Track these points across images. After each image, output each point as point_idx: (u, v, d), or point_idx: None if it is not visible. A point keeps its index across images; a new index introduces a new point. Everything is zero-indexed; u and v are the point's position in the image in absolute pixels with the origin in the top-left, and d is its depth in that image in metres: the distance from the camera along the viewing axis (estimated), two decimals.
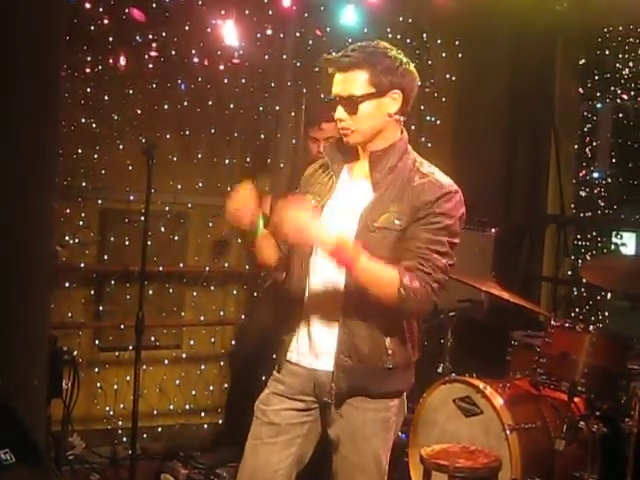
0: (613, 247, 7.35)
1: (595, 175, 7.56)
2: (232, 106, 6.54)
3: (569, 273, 7.47)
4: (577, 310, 7.33)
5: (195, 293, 6.59)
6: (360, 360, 3.22)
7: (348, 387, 3.23)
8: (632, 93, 7.26)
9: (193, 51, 6.27)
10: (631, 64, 7.19)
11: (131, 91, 6.16)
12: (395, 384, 3.31)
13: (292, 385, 3.33)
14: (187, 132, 6.40)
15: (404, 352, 3.29)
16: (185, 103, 6.35)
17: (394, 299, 3.08)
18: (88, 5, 5.84)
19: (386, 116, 3.25)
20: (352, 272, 3.10)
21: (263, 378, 4.69)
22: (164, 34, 6.17)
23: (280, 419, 3.33)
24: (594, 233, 7.50)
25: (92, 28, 5.91)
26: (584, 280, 6.82)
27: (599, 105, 7.53)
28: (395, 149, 3.29)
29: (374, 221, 3.19)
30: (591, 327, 4.98)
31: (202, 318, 6.58)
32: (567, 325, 5.13)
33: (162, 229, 6.36)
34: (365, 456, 3.28)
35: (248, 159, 6.76)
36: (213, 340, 6.64)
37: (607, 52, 7.30)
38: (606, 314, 7.15)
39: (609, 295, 7.08)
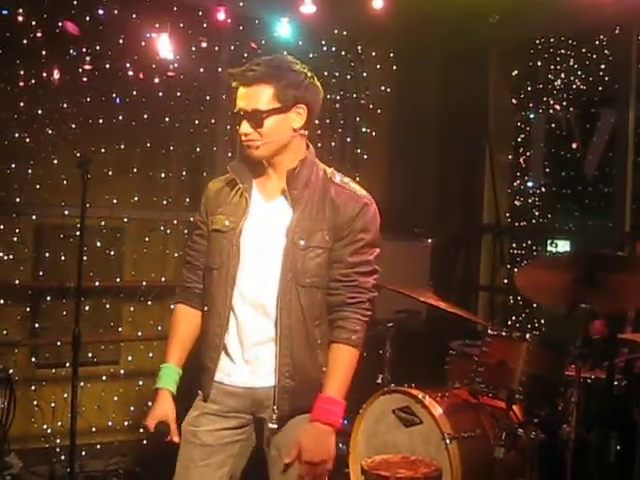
0: (548, 255, 7.43)
1: (529, 184, 7.65)
2: (167, 119, 6.52)
3: (505, 282, 7.54)
4: (514, 318, 7.40)
5: (132, 308, 6.54)
6: (302, 380, 3.21)
7: (290, 408, 3.21)
8: (564, 103, 7.37)
9: (127, 64, 6.25)
10: (563, 75, 7.29)
11: (65, 105, 6.12)
12: None
13: (227, 404, 3.29)
14: (122, 146, 6.36)
15: None
16: (120, 117, 6.31)
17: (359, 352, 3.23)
18: (21, 18, 5.80)
19: (291, 130, 3.23)
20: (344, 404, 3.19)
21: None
22: (98, 47, 6.14)
23: (212, 439, 3.28)
24: (529, 242, 7.58)
25: (25, 41, 5.87)
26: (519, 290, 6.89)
27: (532, 115, 7.62)
28: (306, 163, 3.28)
29: (303, 239, 3.19)
30: (527, 335, 5.01)
31: (140, 333, 6.54)
32: (504, 334, 5.15)
33: (98, 244, 6.31)
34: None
35: (184, 172, 6.73)
36: (151, 355, 6.58)
37: (539, 63, 7.40)
38: (542, 322, 7.22)
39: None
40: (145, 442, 6.03)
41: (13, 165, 5.98)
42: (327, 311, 3.25)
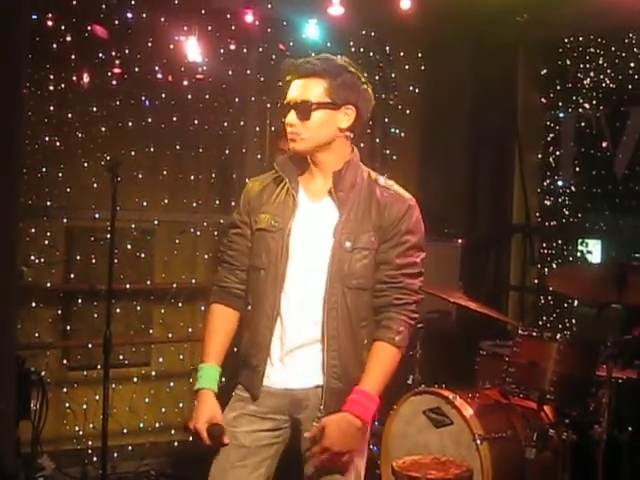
0: (579, 255, 7.39)
1: (559, 184, 7.60)
2: (197, 122, 6.54)
3: (536, 282, 7.51)
4: (544, 318, 7.36)
5: (163, 310, 6.57)
6: (348, 381, 3.20)
7: (337, 409, 3.18)
8: (594, 102, 7.32)
9: (156, 67, 6.28)
10: (592, 74, 7.25)
11: (95, 108, 6.15)
12: None
13: (265, 404, 3.27)
14: (152, 149, 6.39)
15: None
16: (149, 120, 6.34)
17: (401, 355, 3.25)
18: (50, 23, 5.84)
19: (336, 130, 3.24)
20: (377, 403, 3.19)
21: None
22: (127, 51, 6.17)
23: (250, 441, 3.26)
24: (559, 241, 7.54)
25: (55, 46, 5.91)
26: (551, 288, 6.87)
27: (561, 115, 7.58)
28: (351, 165, 3.29)
29: (350, 241, 3.19)
30: (558, 335, 5.00)
31: (170, 335, 6.56)
32: (535, 334, 5.14)
33: (128, 246, 6.34)
34: (345, 467, 3.23)
35: (214, 174, 6.75)
36: (182, 357, 6.61)
37: (568, 62, 7.36)
38: (573, 322, 7.18)
39: (576, 303, 7.12)
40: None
41: (44, 169, 6.02)
42: (374, 312, 3.26)
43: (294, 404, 3.26)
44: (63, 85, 6.02)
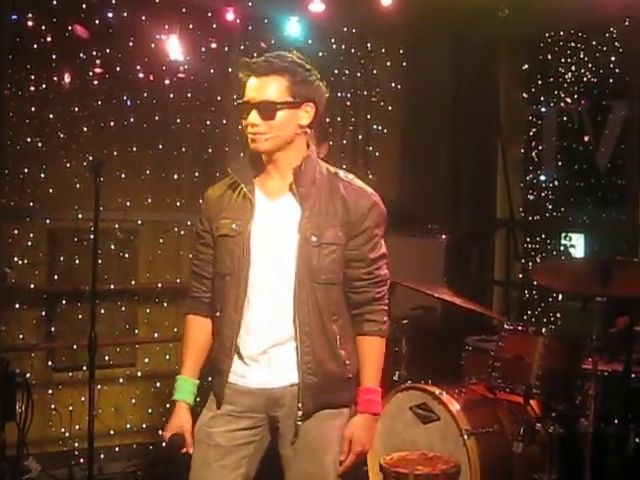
0: (562, 249, 7.41)
1: (542, 178, 7.62)
2: (179, 121, 6.53)
3: (520, 276, 7.52)
4: (529, 313, 7.38)
5: (148, 310, 6.55)
6: (325, 375, 3.22)
7: (314, 405, 3.21)
8: (575, 96, 7.34)
9: (138, 67, 6.26)
10: (573, 68, 7.26)
11: (76, 109, 6.14)
12: (352, 392, 3.31)
13: (241, 403, 3.28)
14: (134, 148, 6.37)
15: (355, 360, 3.31)
16: (131, 119, 6.33)
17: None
18: (30, 23, 5.82)
19: (297, 127, 3.22)
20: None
21: None
22: (108, 50, 6.16)
23: (227, 440, 3.27)
24: (543, 236, 7.56)
25: (35, 46, 5.89)
26: (535, 283, 6.89)
27: (543, 109, 7.60)
28: (310, 161, 3.27)
29: (315, 235, 3.19)
30: (544, 329, 5.01)
31: (156, 335, 6.55)
32: (520, 328, 5.15)
33: (112, 247, 6.32)
34: (327, 467, 3.25)
35: (197, 173, 6.74)
36: (167, 357, 6.59)
37: (549, 57, 7.37)
38: (558, 315, 7.20)
39: (560, 297, 7.14)
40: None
41: (26, 170, 5.99)
42: (351, 307, 3.29)
43: (270, 402, 3.26)
44: (44, 85, 6.00)
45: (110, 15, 6.11)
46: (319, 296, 3.20)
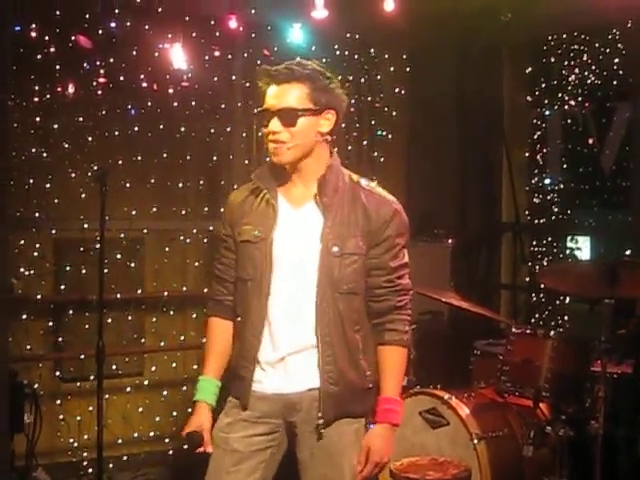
0: (568, 251, 7.41)
1: (547, 181, 7.62)
2: (183, 129, 6.53)
3: (527, 279, 7.52)
4: (537, 316, 7.37)
5: (155, 319, 6.54)
6: (346, 385, 3.22)
7: (335, 414, 3.21)
8: (579, 99, 7.34)
9: (142, 76, 6.26)
10: (577, 71, 7.27)
11: (81, 119, 6.13)
12: (371, 402, 3.31)
13: (258, 409, 3.27)
14: (139, 157, 6.37)
15: (375, 370, 3.30)
16: (136, 128, 6.32)
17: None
18: (34, 34, 5.82)
19: (318, 135, 3.22)
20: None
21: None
22: (112, 60, 6.15)
23: (244, 446, 3.27)
24: (549, 239, 7.56)
25: (39, 57, 5.89)
26: (542, 286, 6.88)
27: (548, 112, 7.60)
28: (333, 169, 3.27)
29: (337, 246, 3.18)
30: (552, 332, 5.00)
31: (163, 344, 6.54)
32: (528, 332, 5.15)
33: (118, 256, 6.31)
34: (344, 471, 3.24)
35: (202, 182, 6.73)
36: (175, 365, 6.59)
37: (553, 60, 7.38)
38: (566, 318, 7.19)
39: (568, 299, 7.13)
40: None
41: (31, 180, 6.00)
42: (372, 316, 3.29)
43: (287, 407, 3.26)
44: (48, 96, 6.01)
45: (113, 25, 6.11)
46: (340, 306, 3.20)
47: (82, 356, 6.00)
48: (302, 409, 3.23)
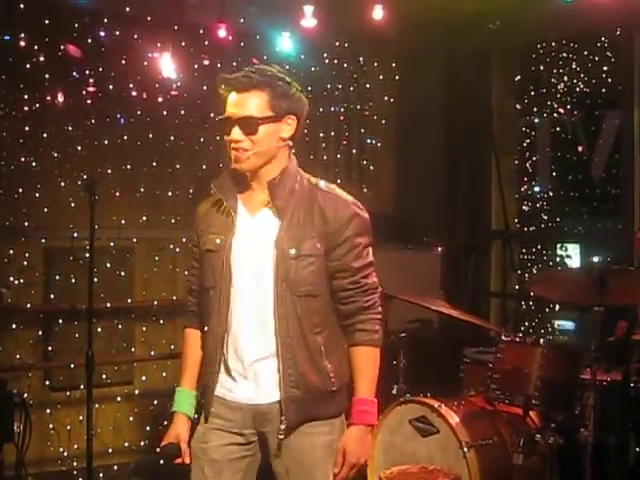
0: (558, 259, 7.42)
1: (537, 189, 7.64)
2: (173, 138, 6.53)
3: (516, 287, 7.52)
4: (526, 324, 7.38)
5: (144, 328, 6.54)
6: (308, 389, 3.20)
7: (298, 418, 3.19)
8: (568, 107, 7.36)
9: (131, 85, 6.27)
10: (566, 78, 7.29)
11: (70, 128, 6.13)
12: (337, 405, 3.28)
13: (231, 419, 3.26)
14: (129, 166, 6.37)
15: (343, 372, 3.27)
16: (125, 137, 6.33)
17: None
18: (23, 43, 5.82)
19: (279, 140, 3.22)
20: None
21: None
22: (101, 69, 6.16)
23: (221, 455, 3.26)
24: (539, 246, 7.58)
25: (28, 66, 5.89)
26: (532, 293, 6.88)
27: (537, 120, 7.62)
28: (288, 173, 3.25)
29: (293, 248, 3.18)
30: (541, 340, 5.01)
31: (153, 353, 6.53)
32: (517, 339, 5.15)
33: (108, 265, 6.31)
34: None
35: (191, 190, 6.73)
36: (165, 374, 6.57)
37: (542, 67, 7.40)
38: (556, 326, 7.21)
39: (557, 307, 7.14)
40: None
41: (20, 190, 5.99)
42: (342, 318, 3.26)
43: (258, 418, 3.24)
44: (37, 105, 6.01)
45: (102, 34, 6.12)
46: (299, 309, 3.18)
47: (72, 365, 5.98)
48: (272, 420, 3.21)
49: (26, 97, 5.96)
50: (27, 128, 5.99)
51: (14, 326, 5.95)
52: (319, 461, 3.24)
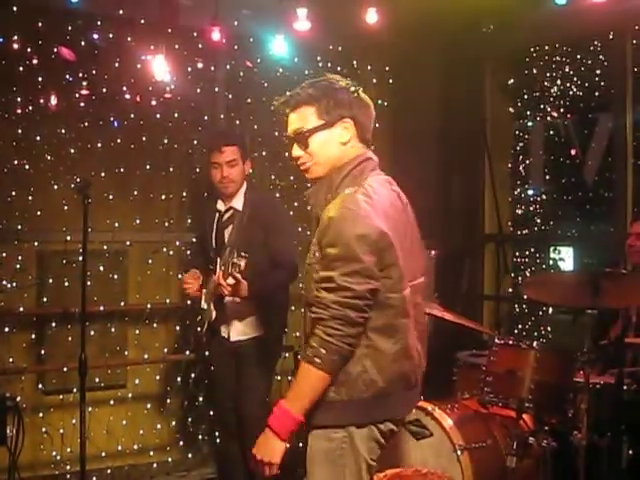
0: (551, 262, 7.43)
1: (530, 192, 7.65)
2: (166, 141, 6.53)
3: (510, 290, 7.53)
4: (520, 327, 7.39)
5: (138, 331, 6.52)
6: None
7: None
8: (561, 110, 7.37)
9: (124, 88, 6.25)
10: (559, 82, 7.30)
11: (63, 130, 6.12)
12: (338, 416, 3.23)
13: None
14: (122, 169, 6.36)
15: (351, 384, 3.20)
16: (118, 140, 6.32)
17: (324, 371, 3.12)
18: (16, 45, 5.81)
19: (340, 145, 3.33)
20: (297, 417, 3.16)
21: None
22: (94, 72, 6.15)
23: None
24: (532, 249, 7.59)
25: (21, 68, 5.89)
26: (525, 297, 6.89)
27: (530, 123, 7.63)
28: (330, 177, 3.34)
29: (310, 257, 3.29)
30: (535, 343, 5.01)
31: (146, 356, 6.51)
32: (511, 342, 5.15)
33: (101, 268, 6.30)
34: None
35: (185, 193, 6.73)
36: (158, 378, 6.57)
37: (535, 71, 7.41)
38: (549, 329, 7.21)
39: (550, 310, 7.15)
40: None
41: (13, 193, 5.98)
42: None
43: None
44: (30, 108, 6.00)
45: (96, 36, 6.11)
46: (307, 317, 3.28)
47: (65, 369, 5.97)
48: None
49: (19, 100, 5.95)
50: (20, 131, 5.98)
51: (7, 329, 5.94)
52: (311, 464, 3.28)
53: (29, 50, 5.89)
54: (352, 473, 3.27)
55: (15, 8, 5.80)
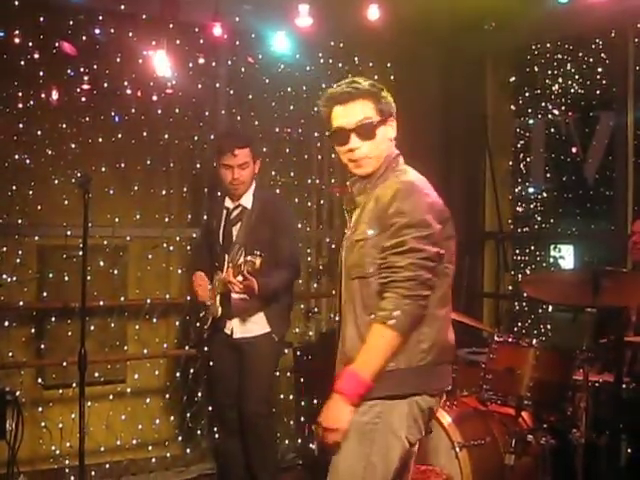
0: (551, 260, 7.43)
1: (530, 190, 7.65)
2: (167, 136, 6.52)
3: (510, 288, 7.53)
4: (520, 325, 7.38)
5: (137, 326, 6.52)
6: (343, 360, 3.31)
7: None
8: (562, 108, 7.36)
9: (125, 83, 6.25)
10: (560, 80, 7.30)
11: (64, 125, 6.12)
12: (397, 385, 3.25)
13: None
14: (123, 164, 6.35)
15: (410, 353, 3.24)
16: (119, 135, 6.31)
17: (398, 333, 3.14)
18: (17, 40, 5.80)
19: (389, 141, 3.47)
20: (367, 381, 3.17)
21: None
22: (95, 67, 6.14)
23: None
24: (532, 247, 7.58)
25: (22, 63, 5.87)
26: (525, 294, 6.89)
27: (531, 121, 7.63)
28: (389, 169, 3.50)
29: (354, 234, 3.39)
30: (534, 341, 5.01)
31: (145, 351, 6.51)
32: (510, 340, 5.16)
33: (101, 263, 6.29)
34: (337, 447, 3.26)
35: (185, 189, 6.73)
36: (157, 373, 6.57)
37: (536, 69, 7.41)
38: (548, 327, 7.21)
39: (550, 308, 7.14)
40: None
41: (14, 187, 5.97)
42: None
43: None
44: (32, 102, 5.99)
45: (97, 31, 6.10)
46: (353, 289, 3.33)
47: (64, 363, 5.96)
48: None
49: (20, 94, 5.94)
50: (21, 125, 5.97)
51: (7, 324, 5.93)
52: (346, 437, 3.24)
53: (30, 45, 5.88)
54: (379, 449, 3.27)
55: (17, 2, 5.79)
